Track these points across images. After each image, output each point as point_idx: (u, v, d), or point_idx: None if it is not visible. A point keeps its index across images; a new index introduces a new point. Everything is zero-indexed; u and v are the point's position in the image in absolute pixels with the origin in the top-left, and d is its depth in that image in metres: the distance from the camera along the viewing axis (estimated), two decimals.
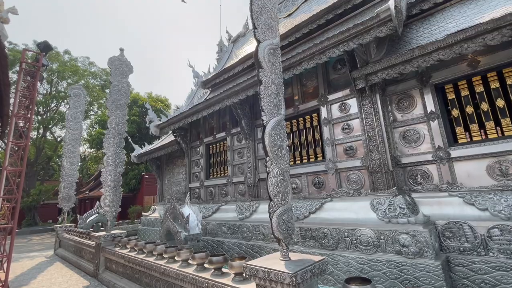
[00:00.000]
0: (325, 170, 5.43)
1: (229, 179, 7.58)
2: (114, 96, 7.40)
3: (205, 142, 8.82)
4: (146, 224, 10.91)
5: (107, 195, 6.78)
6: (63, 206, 10.85)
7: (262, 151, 6.73)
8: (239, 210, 6.61)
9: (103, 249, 6.21)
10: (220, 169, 8.26)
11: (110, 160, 7.00)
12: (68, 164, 11.14)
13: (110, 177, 6.90)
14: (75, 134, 11.56)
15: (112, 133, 7.17)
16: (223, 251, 6.33)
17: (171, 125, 8.78)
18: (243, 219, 6.30)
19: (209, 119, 8.91)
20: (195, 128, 9.48)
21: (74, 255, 8.37)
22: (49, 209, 23.96)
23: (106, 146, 7.02)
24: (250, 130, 7.10)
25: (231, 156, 7.72)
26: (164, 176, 11.76)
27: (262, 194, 6.65)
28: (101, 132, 16.98)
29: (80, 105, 11.95)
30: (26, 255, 10.68)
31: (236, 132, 7.75)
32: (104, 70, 24.24)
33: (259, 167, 6.87)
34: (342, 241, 4.42)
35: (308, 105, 6.02)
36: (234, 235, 6.29)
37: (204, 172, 8.63)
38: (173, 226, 5.79)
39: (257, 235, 5.77)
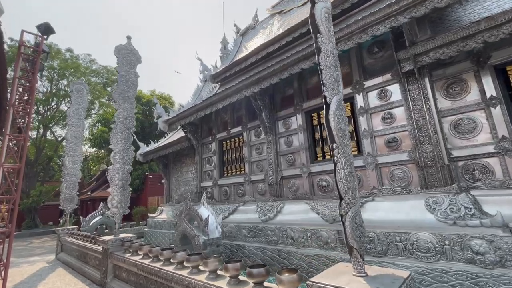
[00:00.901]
0: (362, 165, 4.81)
1: (247, 177, 6.96)
2: (121, 87, 6.79)
3: (218, 138, 8.20)
4: (153, 226, 10.29)
5: (115, 195, 6.16)
6: (65, 208, 10.24)
7: (284, 146, 6.14)
8: (260, 211, 5.99)
9: (111, 255, 5.59)
10: (235, 166, 7.64)
11: (118, 157, 6.38)
12: (70, 163, 10.52)
13: (117, 175, 6.28)
14: (77, 131, 10.95)
15: (120, 128, 6.55)
16: (244, 256, 5.71)
17: (182, 120, 8.17)
18: (266, 221, 5.68)
19: (222, 113, 8.30)
20: (206, 124, 8.87)
21: (78, 261, 7.74)
22: (49, 211, 23.32)
23: (113, 141, 6.40)
24: (270, 123, 6.49)
25: (248, 152, 7.10)
26: (172, 176, 11.13)
27: (286, 193, 6.03)
28: (104, 130, 16.40)
29: (83, 101, 11.34)
30: (26, 259, 10.06)
31: (253, 126, 7.13)
32: (105, 68, 23.63)
33: (281, 164, 6.25)
34: (393, 247, 3.80)
35: None
36: (256, 239, 5.67)
37: (217, 170, 8.01)
38: (190, 230, 5.18)
39: (285, 239, 5.15)
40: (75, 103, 11.13)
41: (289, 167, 6.06)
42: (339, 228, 4.46)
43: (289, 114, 6.26)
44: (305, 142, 5.81)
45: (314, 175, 5.56)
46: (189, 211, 5.61)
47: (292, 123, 6.21)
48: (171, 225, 9.35)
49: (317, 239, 4.67)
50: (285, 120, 6.36)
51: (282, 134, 6.35)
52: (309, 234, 4.79)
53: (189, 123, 8.56)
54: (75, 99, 11.16)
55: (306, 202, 5.37)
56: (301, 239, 4.88)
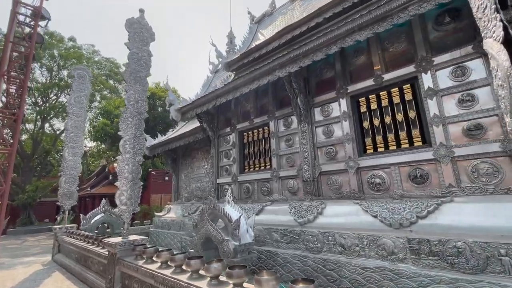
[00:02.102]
0: (432, 158, 3.93)
1: (274, 173, 6.07)
2: (132, 66, 5.89)
3: (238, 129, 7.30)
4: (160, 226, 9.39)
5: (124, 190, 5.26)
6: (63, 204, 9.31)
7: (322, 136, 5.27)
8: (295, 212, 5.10)
9: (119, 261, 4.68)
10: (259, 161, 6.74)
11: (128, 145, 5.48)
12: (70, 155, 9.60)
13: (127, 167, 5.38)
14: (78, 121, 10.03)
15: (130, 112, 5.65)
16: (277, 265, 4.83)
17: (198, 108, 7.26)
18: (304, 224, 4.80)
19: (243, 101, 7.40)
20: (224, 113, 7.97)
21: (77, 264, 6.82)
22: (46, 207, 22.31)
23: (123, 127, 5.50)
24: (306, 110, 5.60)
25: (276, 144, 6.21)
26: (181, 171, 10.23)
27: (325, 191, 5.15)
28: (106, 123, 15.48)
29: (85, 89, 10.43)
30: (20, 260, 9.12)
31: (282, 115, 6.24)
32: (109, 60, 22.66)
33: (319, 157, 5.37)
34: (495, 262, 2.92)
35: (397, 74, 4.52)
36: (293, 245, 4.78)
37: (237, 165, 7.11)
38: (217, 233, 4.28)
39: (331, 247, 4.26)
40: (77, 90, 10.21)
41: (329, 161, 5.18)
42: (408, 235, 3.58)
43: (329, 99, 5.38)
44: (352, 131, 4.93)
45: (363, 170, 4.68)
46: (213, 210, 4.71)
47: (332, 110, 5.32)
48: (181, 226, 8.45)
49: (377, 248, 3.79)
50: (323, 107, 5.47)
51: (319, 123, 5.47)
52: (366, 241, 3.91)
53: (205, 112, 7.66)
54: (76, 86, 10.24)
55: (355, 202, 4.49)
56: (355, 247, 4.00)
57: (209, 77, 13.20)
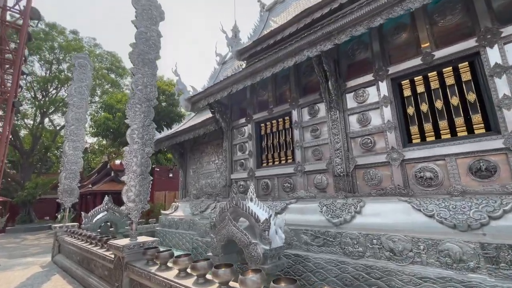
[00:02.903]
0: (501, 148, 3.30)
1: (298, 167, 5.44)
2: (140, 47, 5.24)
3: (254, 119, 6.67)
4: (168, 225, 8.78)
5: (132, 186, 4.64)
6: (64, 201, 8.69)
7: (356, 125, 4.65)
8: (328, 211, 4.47)
9: (128, 267, 4.08)
10: (279, 154, 6.12)
11: (136, 135, 4.85)
12: (70, 149, 8.97)
13: (135, 159, 4.76)
14: (79, 113, 9.39)
15: (138, 98, 5.02)
16: (307, 271, 4.21)
17: (210, 97, 6.62)
18: (340, 225, 4.17)
19: (260, 89, 6.77)
20: (237, 103, 7.33)
21: (79, 267, 6.22)
22: (46, 205, 21.73)
23: (130, 115, 4.87)
24: (337, 96, 4.96)
25: (299, 135, 5.58)
26: (189, 167, 9.61)
27: (361, 187, 4.53)
28: (108, 117, 14.83)
29: (86, 78, 9.77)
30: (18, 261, 8.53)
31: (307, 102, 5.61)
32: (110, 53, 21.96)
33: (353, 149, 4.74)
34: None
35: (451, 50, 3.88)
36: (327, 248, 4.16)
37: (253, 159, 6.49)
38: (242, 235, 3.66)
39: (377, 251, 3.64)
40: (78, 79, 9.56)
41: (366, 152, 4.55)
42: (481, 240, 2.96)
43: (365, 83, 4.74)
44: (394, 119, 4.29)
45: (410, 162, 4.05)
46: (236, 208, 4.08)
47: (368, 95, 4.68)
48: (190, 225, 7.85)
49: (438, 254, 3.17)
50: (357, 92, 4.83)
51: (353, 110, 4.83)
52: (423, 246, 3.29)
53: (217, 102, 7.03)
54: (77, 76, 9.59)
55: (402, 199, 3.87)
56: (408, 253, 3.38)
57: (216, 69, 12.56)
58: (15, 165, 22.84)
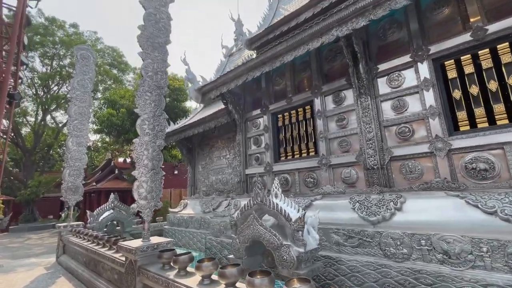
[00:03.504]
0: None
1: (322, 160, 4.98)
2: (149, 29, 4.78)
3: (271, 110, 6.20)
4: (176, 224, 8.36)
5: (143, 182, 4.21)
6: (68, 199, 8.29)
7: (390, 112, 4.18)
8: (361, 207, 4.01)
9: (141, 271, 3.65)
10: (300, 146, 5.66)
11: (147, 126, 4.41)
12: (74, 145, 8.55)
13: (146, 152, 4.32)
14: (82, 107, 8.96)
15: (148, 85, 4.57)
16: (342, 276, 3.77)
17: (223, 86, 6.15)
18: (378, 223, 3.72)
19: (277, 77, 6.29)
20: (251, 94, 6.87)
21: (86, 269, 5.83)
22: (49, 203, 21.46)
23: (140, 104, 4.42)
24: (368, 80, 4.48)
25: (323, 125, 5.11)
26: (198, 163, 9.17)
27: (398, 180, 4.06)
28: (111, 113, 14.40)
29: (89, 71, 9.33)
30: (21, 262, 8.16)
31: (331, 90, 5.13)
32: (112, 48, 21.49)
33: (386, 138, 4.27)
34: None
35: (505, 24, 3.38)
36: (363, 250, 3.71)
37: (270, 153, 6.03)
38: (271, 236, 3.22)
39: (426, 254, 3.18)
40: (80, 72, 9.12)
41: (404, 142, 4.08)
42: None
43: (401, 65, 4.25)
44: (437, 104, 3.81)
45: (457, 153, 3.58)
46: (261, 205, 3.63)
47: (405, 78, 4.20)
48: (201, 223, 7.42)
49: (507, 258, 2.71)
50: (390, 76, 4.35)
51: (387, 96, 4.35)
52: (486, 248, 2.82)
53: (230, 92, 6.57)
54: (79, 68, 9.15)
55: (451, 194, 3.40)
56: (466, 256, 2.92)
57: (223, 61, 12.09)
58: (17, 163, 22.55)
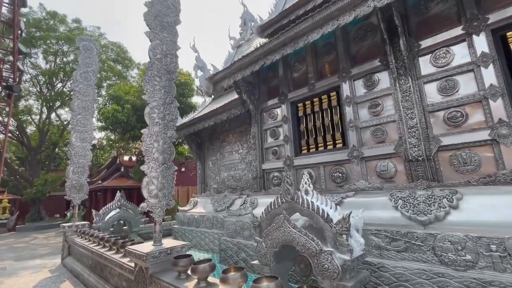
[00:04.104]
0: None
1: (353, 153, 4.42)
2: (157, 7, 4.25)
3: (290, 99, 5.65)
4: (186, 223, 7.90)
5: (153, 177, 3.70)
6: (72, 198, 7.88)
7: (436, 96, 3.58)
8: (406, 205, 3.45)
9: (154, 280, 3.16)
10: (324, 138, 5.11)
11: (156, 114, 3.90)
12: (78, 140, 8.12)
13: (156, 144, 3.81)
14: (86, 101, 8.51)
15: (157, 69, 4.05)
16: (385, 285, 3.23)
17: (238, 73, 5.61)
18: (430, 224, 3.16)
19: (296, 62, 5.72)
20: (266, 82, 6.31)
21: (92, 273, 5.38)
22: (56, 202, 21.25)
23: (149, 90, 3.91)
24: (409, 59, 3.89)
25: (353, 113, 4.54)
26: (207, 158, 8.67)
27: (447, 174, 3.49)
28: (116, 109, 13.97)
29: (92, 63, 8.87)
30: (25, 264, 7.79)
31: (361, 72, 4.55)
32: (115, 44, 21.05)
33: (432, 125, 3.69)
34: None
35: None
36: (411, 255, 3.16)
37: (290, 146, 5.49)
38: (308, 240, 2.69)
39: (498, 261, 2.62)
40: (83, 64, 8.66)
41: (454, 129, 3.50)
42: None
43: (449, 40, 3.66)
44: (499, 83, 3.22)
45: None
46: (292, 204, 3.10)
47: (455, 55, 3.61)
48: (213, 223, 6.94)
49: None
50: (436, 53, 3.76)
51: (431, 77, 3.76)
52: None
53: (244, 81, 6.04)
54: (82, 60, 8.69)
55: None
56: None
57: (231, 53, 11.54)
58: (23, 162, 22.38)
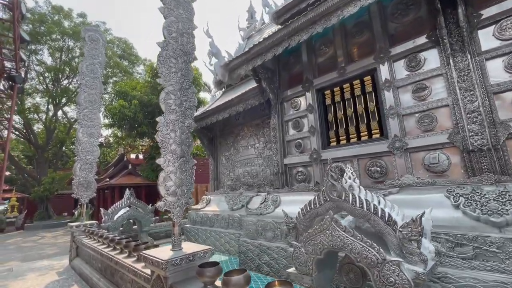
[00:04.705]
0: None
1: (395, 143, 3.87)
2: None
3: (316, 86, 5.11)
4: (199, 222, 7.44)
5: (171, 172, 3.23)
6: (80, 196, 7.48)
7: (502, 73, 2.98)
8: (470, 203, 2.90)
9: None
10: (357, 128, 4.57)
11: (172, 100, 3.41)
12: (85, 135, 7.71)
13: (173, 134, 3.33)
14: (93, 94, 8.10)
15: (173, 49, 3.56)
16: None
17: (257, 58, 5.07)
18: (506, 226, 2.60)
19: (322, 45, 5.17)
20: (286, 69, 5.78)
21: (102, 277, 4.96)
22: (64, 200, 21.16)
23: (164, 72, 3.42)
24: (468, 32, 3.32)
25: (394, 98, 3.98)
26: (220, 154, 8.20)
27: None
28: (123, 105, 13.58)
29: (99, 55, 8.44)
30: (32, 265, 7.44)
31: (403, 52, 3.98)
32: (121, 40, 20.69)
33: (498, 109, 3.12)
34: None
35: None
36: (482, 263, 2.61)
37: (317, 138, 4.96)
38: (366, 247, 2.18)
39: None
40: (89, 56, 8.23)
41: None
42: None
43: None
44: None
45: None
46: (339, 202, 2.59)
47: None
48: (229, 222, 6.47)
49: None
50: (501, 23, 3.18)
51: (495, 52, 3.18)
52: None
53: (263, 67, 5.52)
54: (88, 51, 8.26)
55: None
56: None
57: (241, 44, 10.99)
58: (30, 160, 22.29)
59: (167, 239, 8.64)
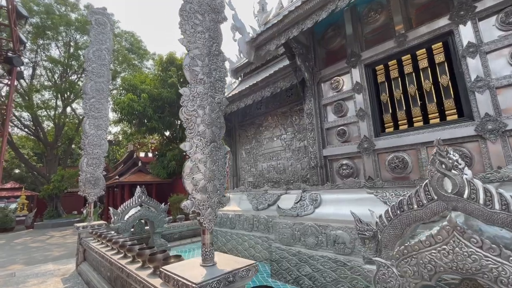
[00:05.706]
0: None
1: (485, 125, 2.96)
2: None
3: (364, 60, 4.21)
4: (218, 223, 6.65)
5: (200, 162, 2.41)
6: (87, 194, 6.79)
7: None
8: None
9: None
10: (423, 108, 3.67)
11: (199, 67, 2.60)
12: (92, 127, 7.01)
13: (201, 112, 2.53)
14: (100, 82, 7.38)
15: (198, 3, 2.74)
16: None
17: (293, 28, 4.21)
18: None
19: (371, 12, 4.26)
20: (323, 44, 4.90)
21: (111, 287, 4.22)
22: (74, 198, 20.78)
23: (187, 31, 2.60)
24: None
25: (482, 67, 3.07)
26: (240, 147, 7.38)
27: None
28: (132, 98, 12.91)
29: (106, 40, 7.71)
30: (36, 269, 6.79)
31: (491, 8, 3.06)
32: (129, 33, 20.11)
33: None
34: None
35: None
36: None
37: (368, 123, 4.07)
38: None
39: None
40: (96, 41, 7.51)
41: None
42: None
43: None
44: None
45: None
46: (462, 202, 1.73)
47: None
48: (253, 223, 5.66)
49: None
50: None
51: None
52: None
53: (296, 41, 4.66)
54: (95, 36, 7.54)
55: None
56: None
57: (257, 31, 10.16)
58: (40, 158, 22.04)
59: (181, 241, 7.91)
